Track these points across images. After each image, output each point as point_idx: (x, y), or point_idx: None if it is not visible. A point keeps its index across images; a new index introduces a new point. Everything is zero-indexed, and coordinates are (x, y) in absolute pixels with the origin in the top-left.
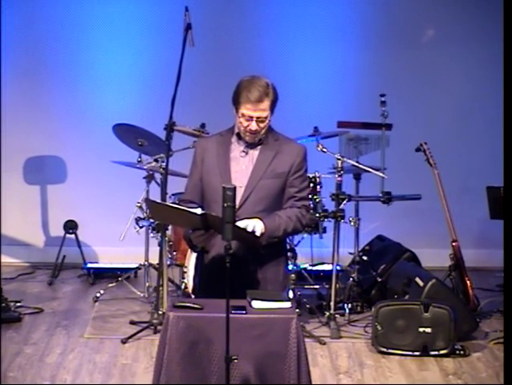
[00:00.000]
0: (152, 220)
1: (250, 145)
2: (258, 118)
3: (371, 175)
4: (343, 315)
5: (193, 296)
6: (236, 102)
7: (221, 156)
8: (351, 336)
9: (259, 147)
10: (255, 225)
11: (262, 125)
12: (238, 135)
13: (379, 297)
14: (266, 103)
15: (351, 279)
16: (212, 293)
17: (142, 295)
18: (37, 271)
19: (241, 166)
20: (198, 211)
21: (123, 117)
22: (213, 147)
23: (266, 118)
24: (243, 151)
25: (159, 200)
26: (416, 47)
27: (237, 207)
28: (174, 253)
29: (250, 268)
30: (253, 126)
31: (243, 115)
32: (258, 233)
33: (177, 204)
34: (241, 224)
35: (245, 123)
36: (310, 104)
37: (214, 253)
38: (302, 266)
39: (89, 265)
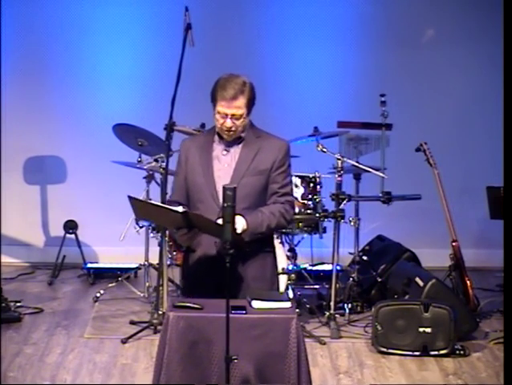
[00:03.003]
0: None
1: (231, 143)
2: (232, 115)
3: (371, 175)
4: (343, 315)
5: None
6: (212, 99)
7: (204, 155)
8: (351, 336)
9: (240, 145)
10: (236, 223)
11: (237, 122)
12: (219, 134)
13: (379, 297)
14: (241, 101)
15: (351, 279)
16: (198, 291)
17: (142, 295)
18: (37, 271)
19: (224, 164)
20: (180, 209)
21: (123, 117)
22: (196, 147)
23: (241, 116)
24: (225, 150)
25: (141, 198)
26: (416, 48)
27: (221, 205)
28: (174, 253)
29: (236, 265)
30: (228, 123)
31: (219, 112)
32: (238, 230)
33: (163, 203)
34: (220, 222)
35: (221, 120)
36: (310, 104)
37: (201, 252)
38: (302, 266)
39: (89, 265)
